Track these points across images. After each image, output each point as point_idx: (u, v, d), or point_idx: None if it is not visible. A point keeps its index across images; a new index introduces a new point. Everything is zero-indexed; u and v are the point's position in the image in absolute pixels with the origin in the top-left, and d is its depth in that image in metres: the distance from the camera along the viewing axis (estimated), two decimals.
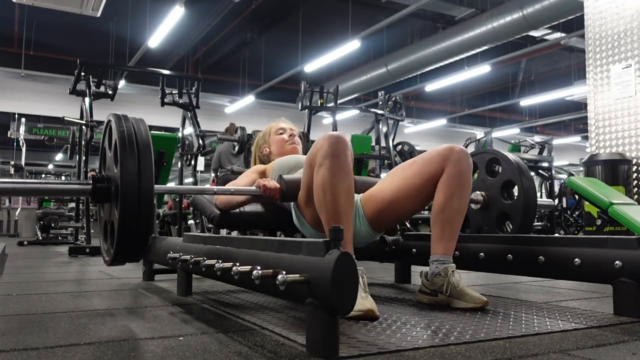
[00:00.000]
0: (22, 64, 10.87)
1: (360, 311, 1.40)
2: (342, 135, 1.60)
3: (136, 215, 1.43)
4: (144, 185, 1.44)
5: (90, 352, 1.09)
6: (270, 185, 1.77)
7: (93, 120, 4.74)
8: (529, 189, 2.08)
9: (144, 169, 1.44)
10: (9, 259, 4.07)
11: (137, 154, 1.45)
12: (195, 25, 10.47)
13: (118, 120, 1.52)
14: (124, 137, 1.46)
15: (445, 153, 1.70)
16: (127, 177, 1.42)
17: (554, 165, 6.17)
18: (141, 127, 1.53)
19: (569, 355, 1.08)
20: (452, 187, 1.68)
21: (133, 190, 1.42)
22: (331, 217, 1.54)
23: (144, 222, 1.44)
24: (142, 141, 1.48)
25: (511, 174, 2.10)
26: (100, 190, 1.55)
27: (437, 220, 1.71)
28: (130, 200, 1.42)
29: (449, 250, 1.70)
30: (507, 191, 2.16)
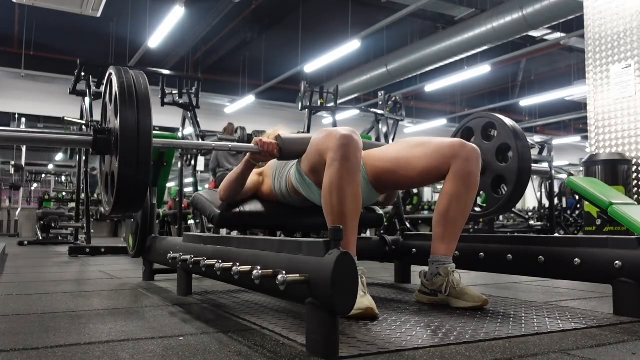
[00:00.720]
0: (22, 64, 10.86)
1: (360, 310, 1.40)
2: (355, 135, 1.55)
3: (135, 163, 1.45)
4: (143, 134, 1.47)
5: (90, 352, 1.09)
6: (268, 141, 1.75)
7: (93, 120, 4.74)
8: (524, 151, 2.06)
9: (142, 120, 1.47)
10: (9, 259, 4.07)
11: (136, 104, 1.48)
12: (195, 26, 10.46)
13: (118, 72, 1.55)
14: (123, 89, 1.49)
15: (455, 147, 1.66)
16: (126, 127, 1.46)
17: (553, 165, 6.17)
18: (140, 79, 1.56)
19: (568, 355, 1.08)
20: (458, 189, 1.65)
21: (132, 139, 1.46)
22: (337, 219, 1.52)
23: (142, 170, 1.47)
24: (141, 93, 1.51)
25: (506, 137, 2.09)
26: (101, 141, 1.58)
27: (440, 221, 1.70)
28: (129, 148, 1.46)
29: (449, 251, 1.70)
30: (502, 155, 2.15)
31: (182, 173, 5.20)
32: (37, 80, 11.57)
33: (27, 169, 12.36)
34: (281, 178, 1.99)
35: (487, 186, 2.17)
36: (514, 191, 2.09)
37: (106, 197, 1.71)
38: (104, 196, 1.75)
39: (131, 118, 1.46)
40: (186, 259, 1.61)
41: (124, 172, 1.46)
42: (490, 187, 2.17)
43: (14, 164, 11.14)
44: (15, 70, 11.02)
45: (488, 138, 2.22)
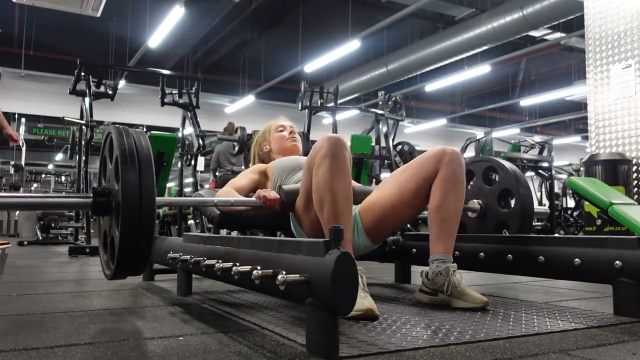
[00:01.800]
0: (22, 64, 10.87)
1: (360, 311, 1.40)
2: (341, 136, 1.61)
3: (137, 232, 1.44)
4: (145, 202, 1.44)
5: (90, 352, 1.09)
6: (271, 196, 1.78)
7: (93, 120, 4.74)
8: (526, 197, 2.10)
9: (145, 186, 1.45)
10: (9, 259, 4.07)
11: (138, 170, 1.46)
12: (195, 26, 10.47)
13: (119, 135, 1.52)
14: (125, 154, 1.47)
15: (438, 155, 1.73)
16: (129, 195, 1.43)
17: (554, 165, 6.17)
18: (142, 142, 1.53)
19: (569, 355, 1.08)
20: (447, 187, 1.70)
21: (134, 208, 1.43)
22: (331, 217, 1.54)
23: (145, 238, 1.46)
24: (143, 157, 1.49)
25: (508, 182, 2.11)
26: (100, 205, 1.57)
27: (434, 220, 1.72)
28: (131, 219, 1.43)
29: (448, 249, 1.71)
30: (504, 199, 2.17)
31: (182, 173, 5.20)
32: (37, 80, 11.57)
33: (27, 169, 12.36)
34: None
35: (489, 230, 2.18)
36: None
37: (105, 257, 1.70)
38: (102, 255, 1.74)
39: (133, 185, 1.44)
40: (186, 259, 1.61)
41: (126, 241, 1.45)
42: (492, 232, 2.18)
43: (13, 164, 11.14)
44: (15, 70, 11.02)
45: (489, 182, 2.24)
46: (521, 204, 2.08)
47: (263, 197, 1.78)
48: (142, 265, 1.54)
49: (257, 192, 1.81)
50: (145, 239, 1.46)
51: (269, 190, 1.82)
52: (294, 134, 2.27)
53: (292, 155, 2.21)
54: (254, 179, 2.10)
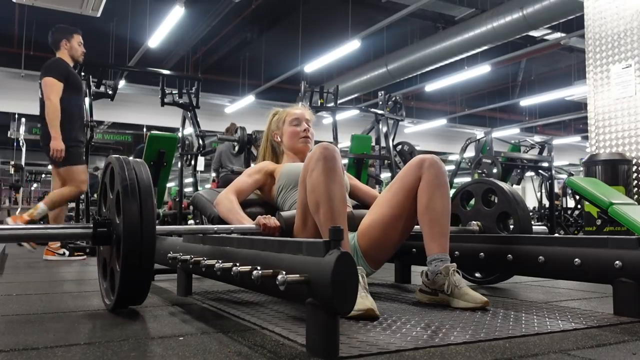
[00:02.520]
0: (22, 64, 10.86)
1: (360, 310, 1.40)
2: (332, 144, 1.67)
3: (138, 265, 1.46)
4: (147, 231, 1.47)
5: (90, 352, 1.09)
6: (270, 224, 1.80)
7: (93, 120, 4.74)
8: (524, 220, 2.13)
9: (146, 219, 1.47)
10: (9, 259, 4.07)
11: (139, 203, 1.48)
12: (195, 25, 10.46)
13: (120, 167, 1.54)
14: (126, 187, 1.49)
15: (418, 163, 1.79)
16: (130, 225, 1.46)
17: (554, 165, 6.17)
18: (143, 173, 1.55)
19: (569, 355, 1.08)
20: (431, 189, 1.74)
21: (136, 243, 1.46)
22: (328, 217, 1.55)
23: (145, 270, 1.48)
24: (144, 189, 1.51)
25: (507, 205, 2.14)
26: (101, 235, 1.59)
27: (424, 221, 1.75)
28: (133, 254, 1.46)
29: (443, 248, 1.71)
30: (502, 222, 2.19)
31: (182, 173, 5.20)
32: (37, 80, 11.52)
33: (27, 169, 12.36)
34: (286, 198, 2.04)
35: None
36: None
37: (105, 284, 1.71)
38: (102, 282, 1.75)
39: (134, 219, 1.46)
40: (186, 259, 1.61)
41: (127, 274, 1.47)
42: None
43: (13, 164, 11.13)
44: (15, 70, 11.02)
45: (488, 204, 2.25)
46: (520, 227, 2.11)
47: (263, 225, 1.80)
48: (143, 296, 1.56)
49: (257, 219, 1.82)
50: (146, 271, 1.48)
51: (269, 217, 1.83)
52: (307, 132, 2.19)
53: (302, 154, 2.18)
54: (258, 180, 2.09)
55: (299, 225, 1.78)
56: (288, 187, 2.03)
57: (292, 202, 1.99)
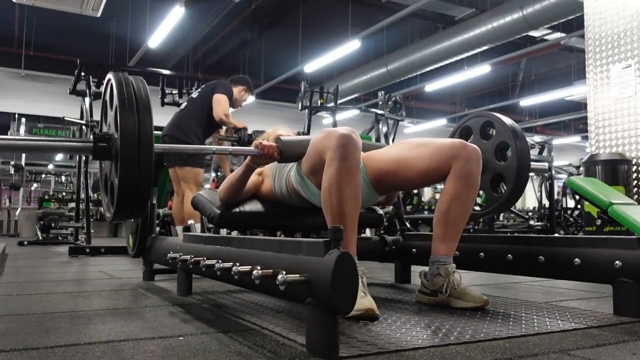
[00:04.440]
0: (22, 64, 10.86)
1: (360, 311, 1.40)
2: (354, 134, 1.55)
3: (136, 177, 1.47)
4: (144, 147, 1.47)
5: (90, 352, 1.09)
6: (268, 144, 1.75)
7: (93, 120, 4.74)
8: (523, 150, 2.07)
9: (143, 131, 1.47)
10: (9, 259, 4.07)
11: (136, 116, 1.48)
12: (195, 25, 10.46)
13: (118, 81, 1.54)
14: (123, 98, 1.50)
15: (456, 148, 1.65)
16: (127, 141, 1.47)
17: (554, 165, 6.16)
18: (141, 87, 1.56)
19: (569, 355, 1.08)
20: (459, 189, 1.65)
21: (133, 154, 1.46)
22: (336, 219, 1.53)
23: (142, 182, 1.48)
24: (141, 102, 1.52)
25: (505, 136, 2.09)
26: (100, 149, 1.60)
27: (441, 221, 1.70)
28: (130, 165, 1.47)
29: (450, 251, 1.70)
30: (500, 153, 2.15)
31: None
32: (37, 80, 11.57)
33: (27, 169, 12.36)
34: (281, 178, 1.99)
35: (486, 185, 2.17)
36: (514, 190, 2.08)
37: (106, 199, 1.71)
38: (104, 197, 1.75)
39: (132, 131, 1.46)
40: (186, 259, 1.61)
41: (125, 181, 1.47)
42: (489, 186, 2.17)
43: (14, 164, 11.14)
44: (15, 70, 11.02)
45: (487, 137, 2.22)
46: (518, 156, 2.05)
47: (260, 144, 1.76)
48: (140, 208, 1.56)
49: (255, 142, 1.78)
50: (143, 183, 1.48)
51: (267, 140, 1.80)
52: None
53: None
54: (253, 180, 2.09)
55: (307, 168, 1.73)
56: (279, 172, 2.02)
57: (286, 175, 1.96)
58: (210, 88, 3.77)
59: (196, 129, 3.65)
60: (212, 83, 3.86)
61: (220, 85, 3.79)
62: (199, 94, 3.77)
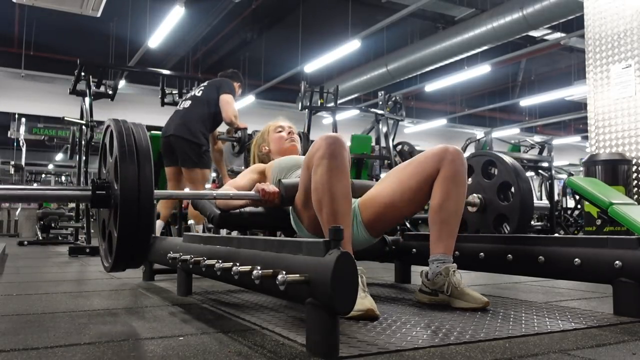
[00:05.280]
0: (22, 64, 10.87)
1: (360, 311, 1.40)
2: (339, 136, 1.60)
3: (135, 226, 1.45)
4: (144, 195, 1.46)
5: (90, 352, 1.09)
6: (269, 190, 1.78)
7: (93, 120, 4.74)
8: (525, 190, 2.09)
9: (143, 180, 1.46)
10: (9, 259, 4.07)
11: (137, 164, 1.47)
12: (195, 26, 10.46)
13: (118, 128, 1.53)
14: (123, 148, 1.47)
15: (440, 153, 1.72)
16: (127, 190, 1.45)
17: (554, 165, 6.16)
18: (141, 134, 1.54)
19: (569, 355, 1.08)
20: (448, 187, 1.69)
21: (132, 204, 1.44)
22: (330, 217, 1.54)
23: (143, 233, 1.47)
24: (142, 150, 1.50)
25: (507, 175, 2.11)
26: (100, 198, 1.58)
27: (435, 220, 1.72)
28: (129, 215, 1.45)
29: (448, 250, 1.71)
30: (503, 193, 2.16)
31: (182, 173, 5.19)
32: (37, 80, 11.57)
33: (27, 169, 12.36)
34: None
35: (488, 225, 2.18)
36: (517, 231, 2.09)
37: (104, 245, 1.71)
38: (101, 243, 1.74)
39: (132, 180, 1.45)
40: (186, 259, 1.61)
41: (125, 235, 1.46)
42: (492, 226, 2.17)
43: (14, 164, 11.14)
44: (15, 70, 11.03)
45: (488, 176, 2.23)
46: (521, 197, 2.07)
47: (262, 191, 1.78)
48: (140, 259, 1.55)
49: (256, 186, 1.81)
50: (144, 234, 1.47)
51: (267, 183, 1.82)
52: (292, 134, 2.27)
53: (290, 153, 2.22)
54: (253, 179, 2.10)
55: (300, 202, 1.75)
56: (282, 175, 2.03)
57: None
58: (215, 87, 3.73)
59: (203, 130, 3.63)
60: (215, 82, 3.81)
61: (225, 85, 3.77)
62: (203, 93, 3.71)
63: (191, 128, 3.56)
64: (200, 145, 3.56)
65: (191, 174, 3.57)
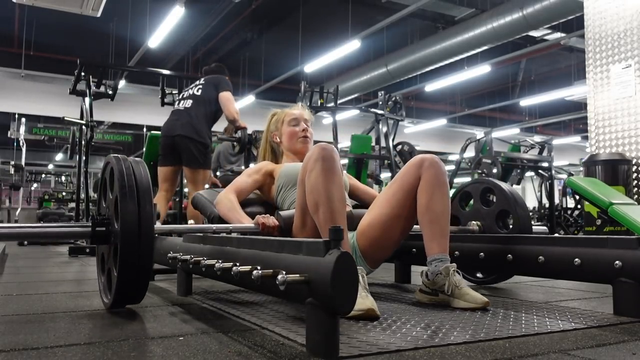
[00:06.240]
0: (22, 64, 10.86)
1: (361, 311, 1.40)
2: (330, 145, 1.66)
3: (136, 268, 1.47)
4: (144, 237, 1.47)
5: (90, 352, 1.09)
6: (269, 223, 1.80)
7: (93, 120, 4.74)
8: (524, 218, 2.12)
9: (144, 220, 1.47)
10: (9, 259, 4.07)
11: (137, 204, 1.48)
12: (195, 25, 10.46)
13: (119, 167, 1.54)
14: (124, 189, 1.49)
15: (418, 162, 1.79)
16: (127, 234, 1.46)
17: (554, 166, 6.17)
18: (142, 172, 1.55)
19: (568, 355, 1.08)
20: (431, 189, 1.74)
21: (134, 243, 1.46)
22: (327, 217, 1.55)
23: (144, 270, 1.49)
24: (142, 189, 1.51)
25: (506, 203, 2.13)
26: (99, 235, 1.60)
27: (424, 221, 1.75)
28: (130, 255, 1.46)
29: (443, 248, 1.71)
30: (502, 220, 2.18)
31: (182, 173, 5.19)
32: (37, 80, 11.57)
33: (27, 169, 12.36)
34: (284, 199, 2.03)
35: None
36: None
37: (102, 279, 1.72)
38: (100, 277, 1.76)
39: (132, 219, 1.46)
40: (186, 259, 1.61)
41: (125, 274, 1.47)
42: None
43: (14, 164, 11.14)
44: (15, 70, 11.02)
45: (487, 203, 2.25)
46: (519, 225, 2.10)
47: (262, 224, 1.80)
48: (140, 296, 1.57)
49: (256, 218, 1.82)
50: (144, 272, 1.48)
51: (267, 216, 1.83)
52: (306, 132, 2.19)
53: (301, 154, 2.18)
54: (258, 180, 2.09)
55: (297, 226, 1.77)
56: (287, 187, 2.03)
57: (291, 201, 1.99)
58: (213, 85, 3.73)
59: (207, 130, 3.64)
60: (212, 80, 3.79)
61: (224, 83, 3.77)
62: (203, 92, 3.69)
63: (197, 128, 3.57)
64: (207, 146, 3.58)
65: (195, 174, 3.57)
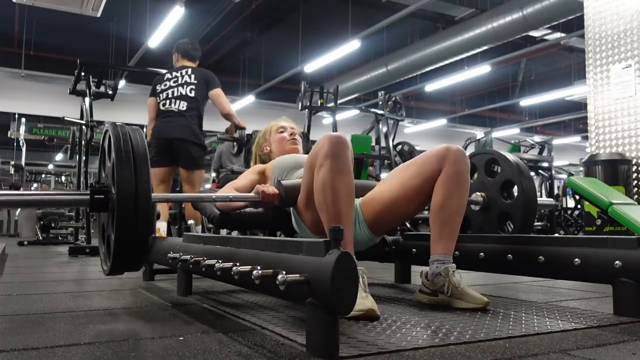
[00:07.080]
0: (22, 64, 10.86)
1: (361, 311, 1.40)
2: (343, 135, 1.60)
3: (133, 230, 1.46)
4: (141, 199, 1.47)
5: (90, 352, 1.09)
6: (269, 191, 1.78)
7: (93, 120, 4.74)
8: (529, 188, 2.09)
9: (140, 184, 1.47)
10: (9, 259, 4.07)
11: (133, 168, 1.48)
12: (195, 26, 10.46)
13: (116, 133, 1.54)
14: (120, 153, 1.49)
15: (442, 153, 1.70)
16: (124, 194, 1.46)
17: (554, 165, 6.17)
18: (138, 139, 1.55)
19: (569, 355, 1.08)
20: (450, 187, 1.68)
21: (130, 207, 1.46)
22: (332, 218, 1.53)
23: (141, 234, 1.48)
24: (138, 154, 1.51)
25: (510, 173, 2.10)
26: (98, 202, 1.60)
27: (436, 220, 1.71)
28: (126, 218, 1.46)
29: (448, 250, 1.70)
30: (506, 191, 2.16)
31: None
32: (37, 80, 11.57)
33: (27, 169, 12.36)
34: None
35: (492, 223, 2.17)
36: (521, 229, 2.09)
37: (103, 248, 1.72)
38: (101, 246, 1.75)
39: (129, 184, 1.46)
40: (186, 259, 1.61)
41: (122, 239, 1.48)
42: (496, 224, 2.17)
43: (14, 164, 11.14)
44: (15, 70, 11.02)
45: (491, 174, 2.23)
46: (524, 195, 2.06)
47: (262, 192, 1.78)
48: (138, 262, 1.55)
49: (256, 187, 1.81)
50: (141, 237, 1.47)
51: (267, 185, 1.82)
52: (294, 135, 2.27)
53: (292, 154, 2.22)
54: (254, 180, 2.10)
55: (303, 202, 1.75)
56: (282, 176, 2.04)
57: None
58: (204, 83, 3.72)
59: (201, 130, 3.68)
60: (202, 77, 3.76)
61: (213, 80, 3.79)
62: (196, 93, 3.68)
63: (195, 131, 3.61)
64: (205, 147, 3.61)
65: (192, 175, 3.57)
